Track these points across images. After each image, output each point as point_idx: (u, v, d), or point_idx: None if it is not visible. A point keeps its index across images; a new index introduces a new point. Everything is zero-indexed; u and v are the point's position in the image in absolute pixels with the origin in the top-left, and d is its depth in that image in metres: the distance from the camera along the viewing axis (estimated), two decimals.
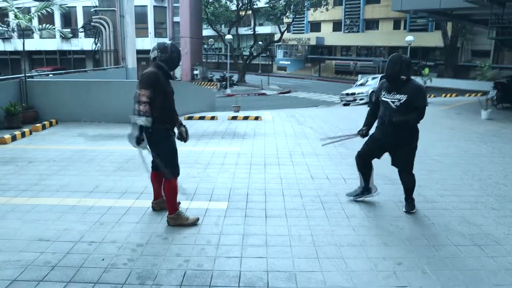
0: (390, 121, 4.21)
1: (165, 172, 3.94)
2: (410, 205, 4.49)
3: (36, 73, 19.78)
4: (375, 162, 4.61)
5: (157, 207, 4.36)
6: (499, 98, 15.41)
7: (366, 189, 4.68)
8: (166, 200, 4.05)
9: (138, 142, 3.73)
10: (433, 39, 33.45)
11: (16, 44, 32.75)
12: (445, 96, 21.54)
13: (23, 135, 8.41)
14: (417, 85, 4.20)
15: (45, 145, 7.75)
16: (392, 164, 4.49)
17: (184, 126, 4.22)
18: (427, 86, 17.82)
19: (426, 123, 11.00)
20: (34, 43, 32.06)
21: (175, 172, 3.99)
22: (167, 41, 4.09)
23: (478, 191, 5.23)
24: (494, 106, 14.93)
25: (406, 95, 4.10)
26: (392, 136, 4.29)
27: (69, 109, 10.07)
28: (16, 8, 10.32)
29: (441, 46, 32.34)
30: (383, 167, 5.90)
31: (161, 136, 3.89)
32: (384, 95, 4.29)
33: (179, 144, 4.12)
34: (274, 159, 6.69)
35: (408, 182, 4.45)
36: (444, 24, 30.17)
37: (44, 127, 9.28)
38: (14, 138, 8.09)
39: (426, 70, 17.63)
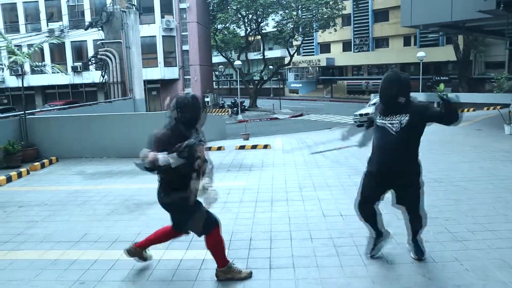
0: (388, 150, 3.45)
1: (199, 232, 3.42)
2: (418, 249, 3.72)
3: (49, 108, 19.81)
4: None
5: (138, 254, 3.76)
6: None
7: (378, 235, 3.83)
8: (212, 254, 3.50)
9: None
10: (445, 53, 32.82)
11: (29, 80, 33.15)
12: (462, 111, 20.73)
13: (19, 175, 8.04)
14: (421, 103, 3.47)
15: (40, 186, 7.34)
16: (397, 203, 3.69)
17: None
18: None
19: (445, 143, 10.44)
20: (47, 78, 32.38)
21: (211, 225, 3.39)
22: (187, 93, 3.40)
23: None
24: None
25: (408, 114, 3.35)
26: (392, 167, 3.47)
27: (70, 146, 9.72)
28: (15, 45, 10.15)
29: (454, 60, 31.65)
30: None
31: (179, 203, 3.33)
32: (379, 118, 3.53)
33: None
34: (282, 194, 6.11)
35: (419, 223, 3.73)
36: (455, 37, 29.58)
37: (43, 166, 8.91)
38: (9, 180, 7.71)
39: (441, 86, 16.79)
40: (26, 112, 10.04)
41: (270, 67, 42.81)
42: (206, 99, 35.21)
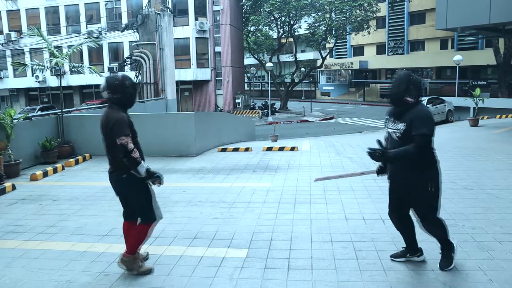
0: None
1: (141, 217, 3.70)
2: (444, 260, 3.58)
3: (86, 106, 20.48)
4: None
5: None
6: None
7: (411, 249, 3.76)
8: (128, 240, 3.71)
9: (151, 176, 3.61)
10: (484, 57, 31.75)
11: (68, 80, 34.43)
12: (500, 117, 20.04)
13: (55, 170, 8.39)
14: (422, 110, 3.32)
15: (74, 182, 7.64)
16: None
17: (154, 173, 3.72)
18: (479, 107, 16.62)
19: (479, 150, 10.12)
20: (85, 78, 33.54)
21: (151, 217, 3.69)
22: (118, 74, 3.61)
23: None
24: None
25: (405, 123, 3.30)
26: (398, 177, 3.48)
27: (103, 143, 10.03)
28: (56, 47, 10.58)
29: (494, 64, 30.55)
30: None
31: (135, 181, 3.62)
32: (388, 124, 3.51)
33: (207, 180, 3.71)
34: (306, 196, 6.11)
35: (433, 232, 3.57)
36: (496, 40, 28.56)
37: (77, 162, 9.27)
38: (45, 174, 8.07)
39: (477, 91, 16.44)
40: (63, 110, 10.45)
41: (302, 69, 42.67)
42: (237, 101, 35.48)
